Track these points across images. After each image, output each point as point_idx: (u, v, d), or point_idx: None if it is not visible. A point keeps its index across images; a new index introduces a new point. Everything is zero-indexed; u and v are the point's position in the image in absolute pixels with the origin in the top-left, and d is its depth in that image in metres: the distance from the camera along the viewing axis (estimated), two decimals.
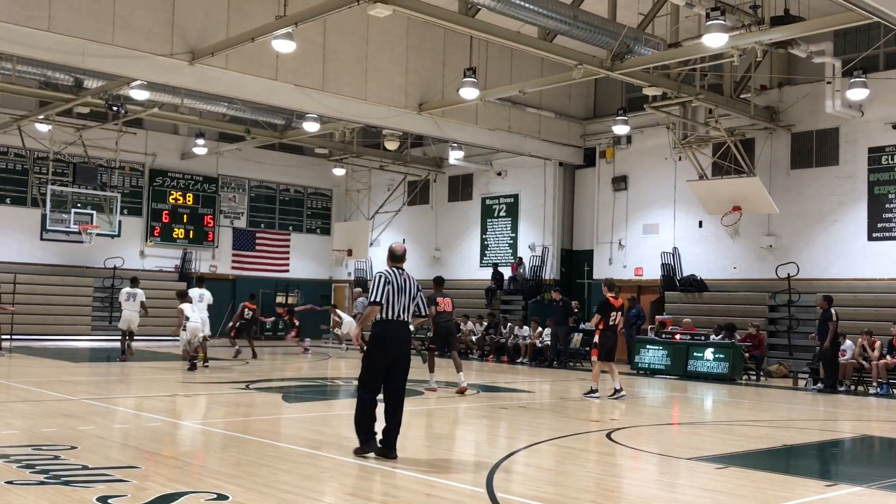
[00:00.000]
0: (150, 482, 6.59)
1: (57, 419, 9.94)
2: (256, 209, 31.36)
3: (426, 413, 11.91)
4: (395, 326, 7.97)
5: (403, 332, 8.08)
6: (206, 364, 17.15)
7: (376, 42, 20.37)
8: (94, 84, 20.25)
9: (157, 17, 17.09)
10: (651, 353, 19.71)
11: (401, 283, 8.02)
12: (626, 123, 21.52)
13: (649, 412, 13.57)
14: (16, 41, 15.67)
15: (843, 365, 16.90)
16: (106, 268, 26.80)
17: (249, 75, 18.33)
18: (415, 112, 21.27)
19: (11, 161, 26.09)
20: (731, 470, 7.99)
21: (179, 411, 11.28)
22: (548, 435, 9.86)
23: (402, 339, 8.06)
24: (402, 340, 8.08)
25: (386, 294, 7.90)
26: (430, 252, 29.47)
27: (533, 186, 26.59)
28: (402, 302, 7.98)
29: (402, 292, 8.00)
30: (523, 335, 22.71)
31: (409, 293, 8.05)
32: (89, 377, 15.83)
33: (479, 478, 7.19)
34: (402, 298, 7.99)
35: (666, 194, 23.45)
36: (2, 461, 7.16)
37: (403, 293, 8.01)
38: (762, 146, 21.41)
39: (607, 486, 7.21)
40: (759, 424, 12.03)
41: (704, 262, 22.48)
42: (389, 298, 7.92)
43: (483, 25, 16.11)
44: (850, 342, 17.20)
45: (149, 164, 28.65)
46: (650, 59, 17.37)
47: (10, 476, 6.59)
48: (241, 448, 8.40)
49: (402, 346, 8.08)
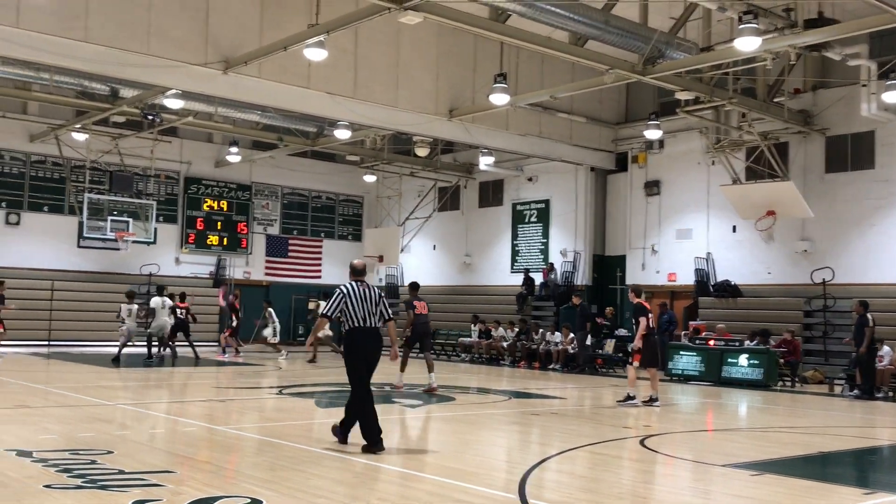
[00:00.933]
0: (185, 486, 6.66)
1: (94, 424, 10.08)
2: (289, 216, 31.58)
3: (457, 419, 11.91)
4: (364, 332, 8.80)
5: (373, 336, 8.87)
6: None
7: (407, 49, 20.46)
8: (130, 93, 20.54)
9: (192, 26, 17.30)
10: (685, 360, 19.56)
11: (361, 293, 8.82)
12: (658, 128, 21.41)
13: (683, 419, 13.46)
14: (53, 52, 15.95)
15: (880, 371, 16.64)
16: (142, 274, 27.12)
17: (282, 83, 18.49)
18: (445, 118, 21.32)
19: (49, 170, 26.51)
20: (766, 477, 7.91)
21: (213, 416, 11.38)
22: (580, 441, 9.82)
23: (371, 341, 8.86)
24: (373, 342, 8.87)
25: (342, 306, 8.76)
26: (461, 258, 29.49)
27: (564, 192, 26.51)
28: (365, 309, 8.79)
29: (365, 301, 8.81)
30: (555, 341, 22.63)
31: (371, 301, 8.84)
32: (125, 382, 16.03)
33: (511, 484, 7.18)
34: (364, 307, 8.79)
35: (699, 199, 23.28)
36: (40, 465, 7.28)
37: (366, 302, 8.81)
38: (796, 150, 21.18)
39: (641, 494, 7.17)
40: (795, 431, 11.89)
41: (738, 267, 22.27)
42: (352, 309, 8.74)
43: (513, 31, 16.12)
44: (888, 348, 16.94)
45: (184, 172, 28.97)
46: (682, 64, 17.28)
47: (49, 480, 6.69)
48: (275, 453, 8.46)
49: (374, 347, 8.88)
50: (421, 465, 8.11)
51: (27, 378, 15.72)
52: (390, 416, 12.29)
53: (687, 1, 16.92)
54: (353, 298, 8.79)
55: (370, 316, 8.81)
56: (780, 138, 21.04)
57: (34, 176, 26.26)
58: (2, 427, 9.49)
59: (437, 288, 30.03)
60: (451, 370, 21.45)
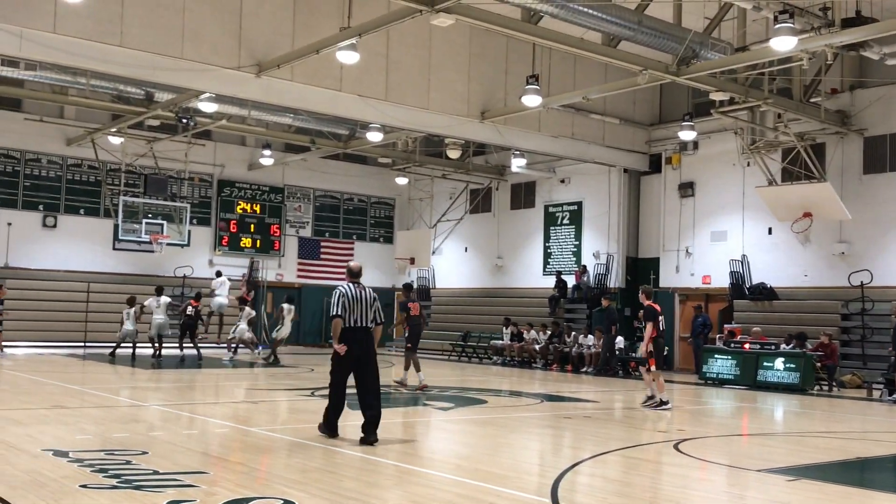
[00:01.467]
0: (218, 487, 6.69)
1: (128, 424, 10.17)
2: (321, 218, 31.73)
3: (489, 422, 11.87)
4: (355, 332, 9.20)
5: (364, 336, 9.26)
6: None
7: (439, 51, 20.47)
8: (165, 97, 20.76)
9: (225, 30, 17.44)
10: (719, 363, 19.35)
11: (356, 294, 9.28)
12: (692, 129, 21.21)
13: (718, 422, 13.31)
14: (90, 56, 16.17)
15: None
16: (176, 276, 27.38)
17: (314, 87, 18.57)
18: (477, 120, 21.29)
19: (85, 173, 26.86)
20: (802, 482, 7.79)
21: (246, 417, 11.44)
22: (614, 445, 9.74)
23: (363, 341, 9.24)
24: (364, 342, 9.25)
25: (342, 305, 9.16)
26: (493, 260, 29.43)
27: (597, 193, 26.37)
28: (359, 311, 9.24)
29: (359, 302, 9.25)
30: (588, 344, 22.51)
31: (365, 303, 9.30)
32: (159, 383, 16.17)
33: (544, 487, 7.13)
34: (358, 308, 9.24)
35: (734, 201, 23.03)
36: (76, 465, 7.35)
37: (360, 303, 9.26)
38: (833, 151, 20.88)
39: (674, 498, 7.08)
40: (832, 436, 11.71)
41: (774, 269, 22.00)
42: (347, 309, 9.16)
43: (546, 32, 16.06)
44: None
45: (217, 175, 29.21)
46: (717, 64, 17.10)
47: (85, 480, 6.75)
48: (307, 454, 8.47)
49: (364, 347, 9.24)
50: (453, 467, 8.08)
51: (63, 379, 15.92)
52: (422, 418, 12.29)
53: (721, 1, 16.75)
54: (349, 299, 9.24)
55: (362, 317, 9.27)
56: (817, 139, 20.76)
57: (71, 179, 26.62)
58: (39, 427, 9.61)
59: (469, 290, 30.04)
60: (482, 373, 21.42)
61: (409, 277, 32.24)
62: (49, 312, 25.51)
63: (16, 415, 10.62)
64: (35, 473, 6.97)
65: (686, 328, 23.80)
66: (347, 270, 9.72)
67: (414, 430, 10.95)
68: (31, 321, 25.07)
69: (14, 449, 8.11)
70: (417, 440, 8.58)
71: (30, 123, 25.07)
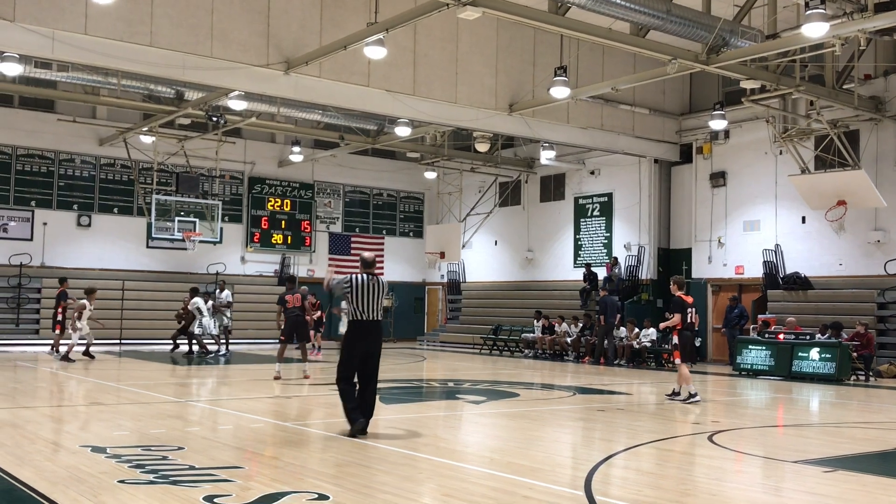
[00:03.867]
0: (253, 482, 6.75)
1: (164, 420, 10.30)
2: (351, 214, 31.85)
3: (522, 415, 11.87)
4: (363, 327, 9.25)
5: (375, 330, 9.33)
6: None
7: (466, 44, 20.44)
8: (195, 96, 20.93)
9: (253, 29, 17.55)
10: (753, 354, 19.18)
11: (370, 286, 9.27)
12: (723, 118, 21.01)
13: (752, 414, 13.20)
14: (120, 56, 16.35)
15: None
16: (209, 273, 27.63)
17: (342, 82, 18.64)
18: (505, 113, 21.24)
19: (118, 172, 27.17)
20: (839, 473, 7.71)
21: (280, 412, 11.53)
22: (647, 438, 9.70)
23: (374, 334, 9.32)
24: (375, 338, 9.34)
25: (346, 291, 9.24)
26: (523, 253, 29.37)
27: (627, 184, 26.21)
28: (371, 302, 9.24)
29: (371, 294, 9.26)
30: (620, 336, 22.41)
31: (378, 294, 9.31)
32: (194, 380, 16.34)
33: (577, 480, 7.12)
34: (370, 299, 9.24)
35: (766, 190, 22.80)
36: (114, 461, 7.45)
37: (372, 294, 9.26)
38: (867, 138, 20.59)
39: (709, 490, 7.04)
40: (869, 426, 11.57)
41: (808, 258, 21.75)
42: (356, 300, 9.20)
43: (573, 24, 15.96)
44: None
45: (248, 172, 29.42)
46: (747, 52, 16.90)
47: (122, 475, 6.85)
48: (341, 449, 8.53)
49: (373, 340, 9.31)
50: (486, 461, 8.09)
51: (100, 376, 16.15)
52: (454, 412, 12.31)
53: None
54: (360, 289, 9.24)
55: (374, 310, 9.26)
56: (851, 126, 20.48)
57: (104, 179, 26.95)
58: (77, 424, 9.75)
59: (500, 284, 30.00)
60: (514, 366, 21.40)
61: (438, 271, 32.34)
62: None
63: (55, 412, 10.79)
64: (74, 469, 7.08)
65: (719, 319, 23.61)
66: (361, 260, 9.70)
67: (446, 424, 10.97)
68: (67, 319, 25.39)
69: (53, 445, 8.25)
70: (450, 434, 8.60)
71: (63, 124, 25.40)
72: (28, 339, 24.85)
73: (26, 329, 25.33)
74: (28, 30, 15.32)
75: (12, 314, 25.11)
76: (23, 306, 25.25)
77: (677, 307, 13.42)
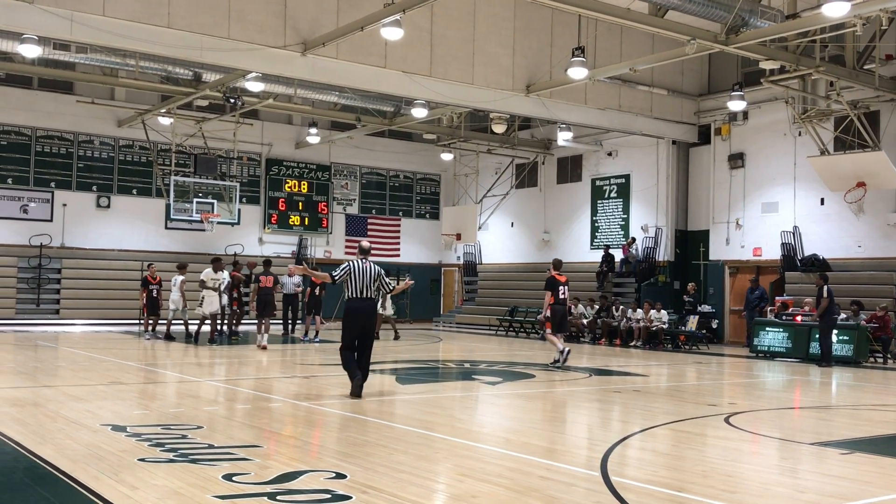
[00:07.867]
0: (271, 461, 6.82)
1: (184, 399, 10.40)
2: (368, 195, 31.90)
3: (538, 396, 11.90)
4: (360, 302, 10.71)
5: (367, 306, 10.79)
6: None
7: (483, 25, 20.35)
8: (212, 77, 20.97)
9: (270, 10, 17.55)
10: (771, 336, 19.13)
11: (362, 269, 10.73)
12: (742, 99, 20.84)
13: (769, 396, 13.19)
14: (138, 38, 16.40)
15: None
16: (227, 255, 27.76)
17: (359, 64, 18.63)
18: (522, 94, 21.16)
19: (137, 153, 27.32)
20: (856, 456, 7.70)
21: (298, 392, 11.61)
22: (663, 419, 9.71)
23: (366, 310, 10.76)
24: (367, 311, 10.79)
25: (345, 277, 10.68)
26: (540, 235, 29.34)
27: (645, 166, 26.09)
28: (362, 283, 10.67)
29: (363, 275, 10.70)
30: (636, 318, 22.38)
31: (369, 277, 10.72)
32: (212, 359, 16.47)
33: (593, 461, 7.15)
34: (362, 280, 10.68)
35: (785, 171, 22.64)
36: (134, 440, 7.54)
37: (364, 276, 10.70)
38: (888, 118, 20.38)
39: (726, 472, 7.05)
40: (887, 409, 11.53)
41: (826, 240, 21.62)
42: (352, 282, 10.64)
43: (591, 3, 15.86)
44: None
45: (265, 154, 29.49)
46: (767, 32, 16.75)
47: (143, 454, 6.93)
48: (358, 428, 8.59)
49: (367, 315, 10.78)
50: (502, 441, 8.13)
51: (120, 356, 16.30)
52: (471, 392, 12.37)
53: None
54: (355, 273, 10.69)
55: (367, 289, 10.70)
56: (871, 107, 20.29)
57: (122, 160, 27.10)
58: (98, 403, 9.86)
59: (516, 265, 30.00)
60: (530, 347, 21.44)
61: (455, 253, 32.36)
62: (105, 291, 26.10)
63: (75, 391, 10.91)
64: (95, 447, 7.17)
65: (736, 301, 23.53)
66: (359, 247, 11.29)
67: (463, 405, 11.02)
68: (88, 300, 25.70)
69: (74, 424, 8.35)
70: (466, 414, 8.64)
71: (82, 106, 25.52)
72: (49, 319, 25.12)
73: (47, 309, 25.60)
74: (47, 11, 15.39)
75: (33, 294, 25.38)
76: (43, 287, 25.50)
77: (549, 286, 15.38)
